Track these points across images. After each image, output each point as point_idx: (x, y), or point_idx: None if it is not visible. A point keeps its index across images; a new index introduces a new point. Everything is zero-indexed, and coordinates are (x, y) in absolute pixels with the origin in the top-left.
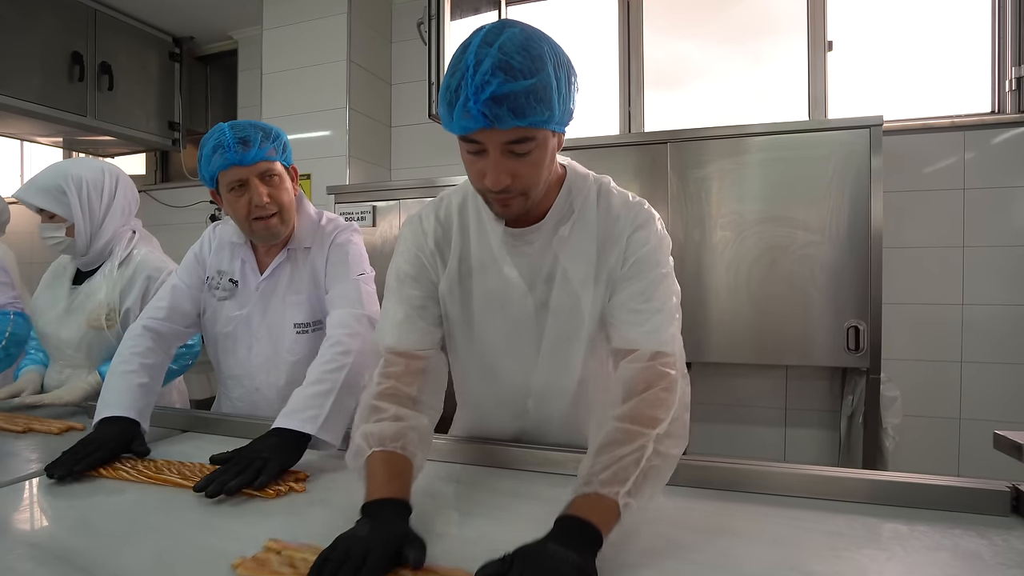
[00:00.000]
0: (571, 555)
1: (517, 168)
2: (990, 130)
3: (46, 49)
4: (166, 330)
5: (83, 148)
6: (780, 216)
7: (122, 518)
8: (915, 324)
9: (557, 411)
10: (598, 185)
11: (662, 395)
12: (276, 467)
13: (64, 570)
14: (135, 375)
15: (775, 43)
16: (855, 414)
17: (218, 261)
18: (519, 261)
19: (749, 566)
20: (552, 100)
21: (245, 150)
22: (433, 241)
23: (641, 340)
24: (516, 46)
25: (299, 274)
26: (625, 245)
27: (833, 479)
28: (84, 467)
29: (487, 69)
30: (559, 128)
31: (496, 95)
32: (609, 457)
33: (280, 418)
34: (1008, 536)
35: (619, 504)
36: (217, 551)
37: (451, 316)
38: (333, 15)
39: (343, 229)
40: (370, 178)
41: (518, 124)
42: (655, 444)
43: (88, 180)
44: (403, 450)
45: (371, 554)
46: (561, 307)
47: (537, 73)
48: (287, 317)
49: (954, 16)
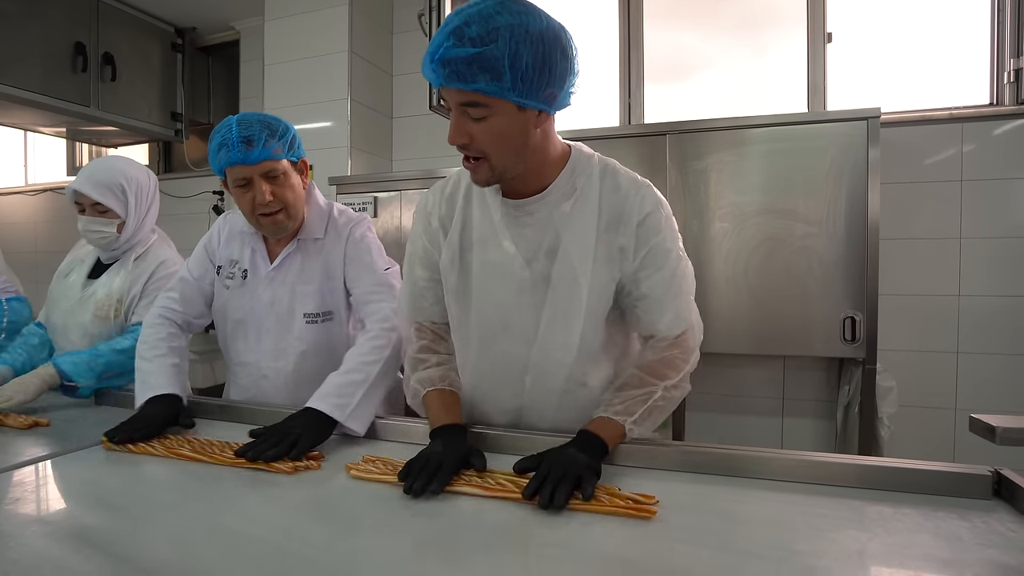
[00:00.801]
0: (584, 456)
1: (473, 130)
2: (988, 122)
3: (49, 39)
4: (181, 320)
5: (86, 138)
6: (778, 208)
7: (141, 494)
8: (912, 315)
9: (554, 389)
10: (602, 165)
11: (678, 361)
12: (308, 443)
13: (78, 546)
14: (166, 357)
15: (774, 35)
16: (851, 404)
17: (229, 251)
18: (519, 234)
19: (737, 544)
20: (501, 71)
21: (248, 150)
22: (437, 219)
23: (665, 329)
24: (479, 16)
25: (309, 264)
26: (635, 230)
27: (820, 464)
28: (142, 436)
29: (443, 33)
30: (523, 102)
31: (443, 58)
32: (624, 395)
33: (313, 399)
34: (989, 519)
35: (625, 428)
36: (233, 528)
37: (450, 287)
38: (334, 6)
39: (357, 222)
40: (371, 169)
41: (460, 87)
42: (663, 391)
43: (141, 182)
44: (450, 386)
45: (445, 462)
46: (562, 281)
47: (487, 44)
48: (297, 306)
49: (953, 8)
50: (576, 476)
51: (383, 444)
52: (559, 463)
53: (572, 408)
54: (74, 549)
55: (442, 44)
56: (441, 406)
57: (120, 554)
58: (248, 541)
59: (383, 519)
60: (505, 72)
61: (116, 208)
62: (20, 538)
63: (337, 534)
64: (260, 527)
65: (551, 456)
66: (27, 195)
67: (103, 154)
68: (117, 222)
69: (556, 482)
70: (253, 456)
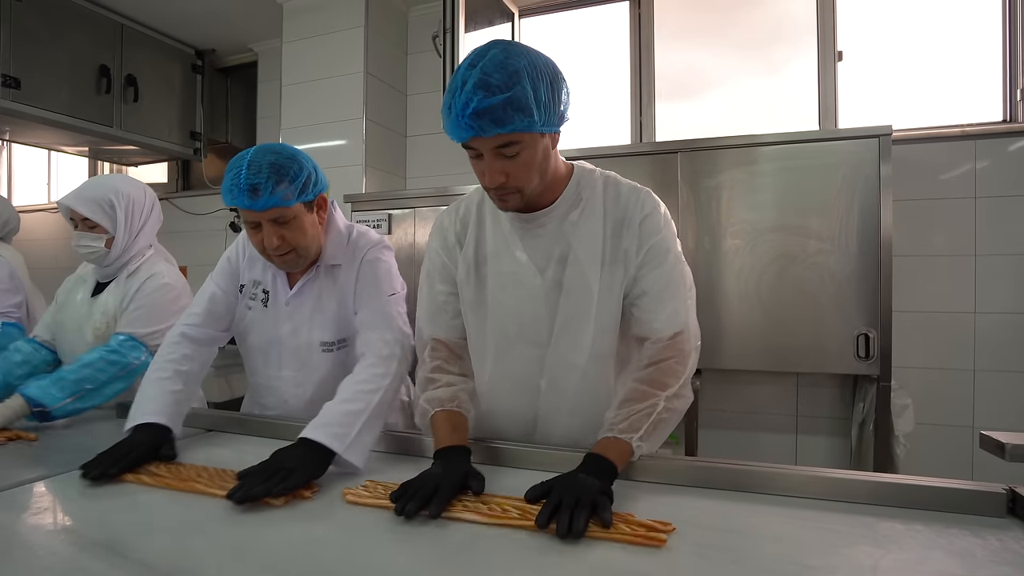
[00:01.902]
0: (595, 481)
1: (508, 168)
2: (1002, 139)
3: (75, 63)
4: (203, 336)
5: (107, 157)
6: (790, 225)
7: (131, 526)
8: (928, 332)
9: (568, 391)
10: (604, 177)
11: (675, 366)
12: (301, 479)
13: (103, 554)
14: (169, 382)
15: (785, 53)
16: (866, 421)
17: (252, 271)
18: (531, 245)
19: (750, 560)
20: (530, 108)
21: (254, 198)
22: (453, 236)
23: (662, 327)
24: (495, 65)
25: (327, 292)
26: (638, 230)
27: (833, 480)
28: (117, 470)
29: (470, 88)
30: (546, 129)
31: (478, 110)
32: (627, 411)
33: (309, 429)
34: (1003, 536)
35: (632, 446)
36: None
37: (466, 299)
38: (351, 28)
39: (373, 246)
40: (386, 187)
41: (500, 131)
42: (665, 403)
43: (134, 198)
44: (459, 407)
45: (442, 485)
46: (573, 286)
47: (513, 87)
48: (314, 335)
49: (964, 25)
50: (591, 502)
51: (393, 456)
52: (571, 490)
53: (585, 413)
54: (99, 557)
55: (471, 99)
56: (447, 427)
57: (145, 562)
58: (272, 557)
59: (384, 538)
60: (532, 108)
61: (104, 223)
62: (50, 547)
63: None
64: (279, 544)
65: (561, 483)
66: (49, 212)
67: (124, 172)
68: (106, 237)
69: (572, 508)
70: (240, 498)
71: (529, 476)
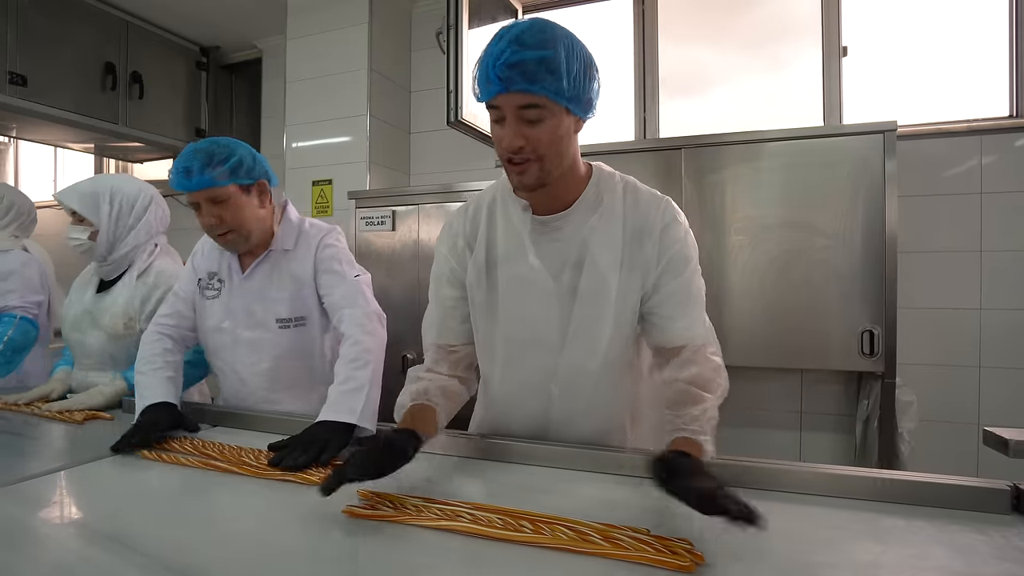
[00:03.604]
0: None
1: (529, 133)
2: (1008, 134)
3: (81, 60)
4: (176, 335)
5: (113, 154)
6: (795, 221)
7: (166, 499)
8: (932, 329)
9: (581, 398)
10: (624, 182)
11: (710, 374)
12: (336, 448)
13: (114, 547)
14: (162, 371)
15: (790, 49)
16: (870, 418)
17: (208, 263)
18: (545, 249)
19: (752, 556)
20: (560, 72)
21: (187, 178)
22: (463, 239)
23: (682, 335)
24: (532, 28)
25: (280, 273)
26: (659, 238)
27: (835, 476)
28: (144, 444)
29: (504, 43)
30: (572, 106)
31: (509, 61)
32: (688, 412)
33: (324, 411)
34: (1007, 533)
35: (705, 447)
36: (257, 534)
37: (476, 303)
38: (355, 25)
39: (328, 232)
40: (390, 183)
41: (528, 88)
42: (712, 404)
43: (125, 194)
44: (427, 400)
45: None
46: (589, 290)
47: (546, 47)
48: (269, 312)
49: (970, 19)
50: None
51: None
52: (689, 477)
53: (599, 418)
54: (110, 550)
55: (505, 50)
56: (408, 417)
57: (156, 555)
58: (274, 546)
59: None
60: (563, 75)
61: (87, 215)
62: (58, 540)
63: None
64: (288, 534)
65: (676, 470)
66: (55, 209)
67: (129, 169)
68: (90, 230)
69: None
70: (288, 465)
71: (541, 473)
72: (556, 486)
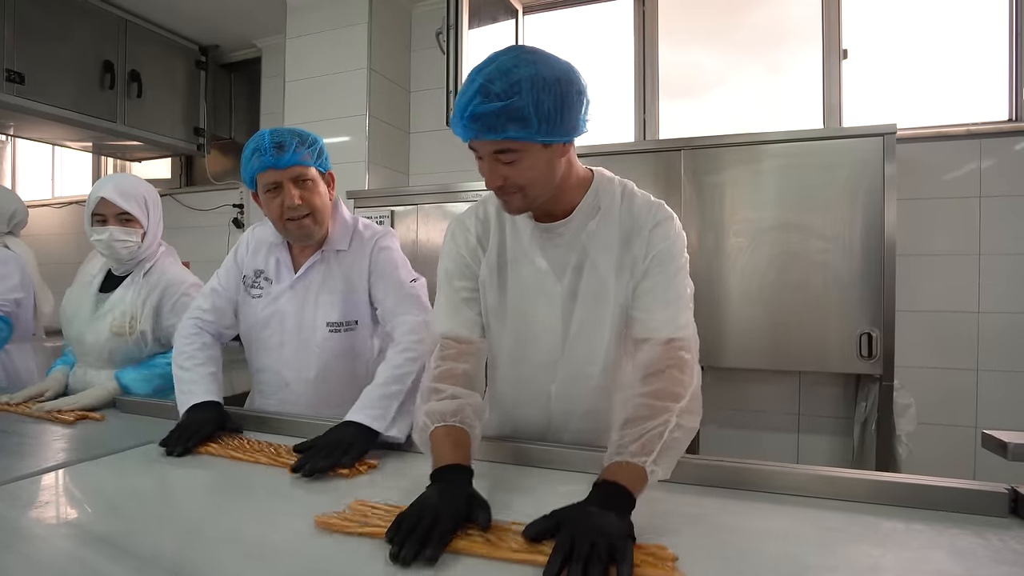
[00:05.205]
0: (612, 516)
1: (507, 172)
2: (1008, 138)
3: (79, 58)
4: (212, 329)
5: (111, 153)
6: (793, 223)
7: (158, 500)
8: (931, 332)
9: (580, 399)
10: (622, 187)
11: (678, 375)
12: (359, 450)
13: (105, 548)
14: (204, 366)
15: (789, 52)
16: (868, 421)
17: (255, 261)
18: (549, 253)
19: (748, 557)
20: (528, 118)
21: (280, 154)
22: (475, 237)
23: (659, 328)
24: (500, 72)
25: (333, 275)
26: (647, 239)
27: (833, 479)
28: (194, 443)
29: (471, 92)
30: (549, 140)
31: (473, 114)
32: (638, 430)
33: (352, 412)
34: (1005, 536)
35: (647, 471)
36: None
37: (488, 302)
38: (354, 25)
39: (383, 235)
40: (389, 183)
41: (493, 138)
42: (677, 418)
43: (155, 198)
44: (462, 423)
45: (441, 516)
46: (588, 294)
47: (511, 96)
48: (320, 315)
49: (970, 23)
50: (608, 548)
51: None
52: (584, 531)
53: (598, 419)
54: (101, 551)
55: (471, 102)
56: (448, 444)
57: (147, 556)
58: (272, 550)
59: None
60: (531, 119)
61: (140, 217)
62: (50, 540)
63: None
64: (283, 536)
65: (571, 520)
66: (53, 207)
67: (127, 168)
68: (140, 231)
69: (585, 560)
70: (308, 471)
71: (546, 475)
72: (553, 487)
